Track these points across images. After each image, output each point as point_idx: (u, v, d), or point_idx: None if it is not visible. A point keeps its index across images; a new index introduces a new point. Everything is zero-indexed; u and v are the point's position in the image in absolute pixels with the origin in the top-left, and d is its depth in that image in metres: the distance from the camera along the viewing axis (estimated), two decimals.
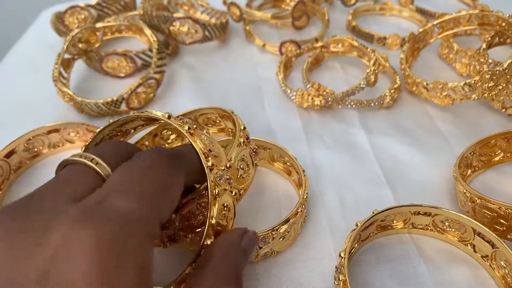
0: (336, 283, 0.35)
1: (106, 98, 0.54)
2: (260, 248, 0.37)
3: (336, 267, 0.36)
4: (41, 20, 0.82)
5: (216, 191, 0.30)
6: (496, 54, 0.56)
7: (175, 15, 0.65)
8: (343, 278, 0.33)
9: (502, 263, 0.36)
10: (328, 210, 0.43)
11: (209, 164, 0.31)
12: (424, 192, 0.45)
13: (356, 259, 0.38)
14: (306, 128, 0.53)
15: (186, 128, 0.31)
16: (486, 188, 0.45)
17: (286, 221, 0.37)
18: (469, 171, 0.46)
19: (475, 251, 0.38)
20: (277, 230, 0.36)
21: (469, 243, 0.38)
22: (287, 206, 0.43)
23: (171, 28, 0.64)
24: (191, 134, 0.31)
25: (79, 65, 0.64)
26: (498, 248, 0.36)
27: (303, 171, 0.42)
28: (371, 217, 0.37)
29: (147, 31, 0.61)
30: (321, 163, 0.48)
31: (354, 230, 0.36)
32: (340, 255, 0.35)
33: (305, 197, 0.39)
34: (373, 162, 0.48)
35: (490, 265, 0.37)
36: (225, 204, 0.31)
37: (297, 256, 0.39)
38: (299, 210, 0.38)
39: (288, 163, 0.45)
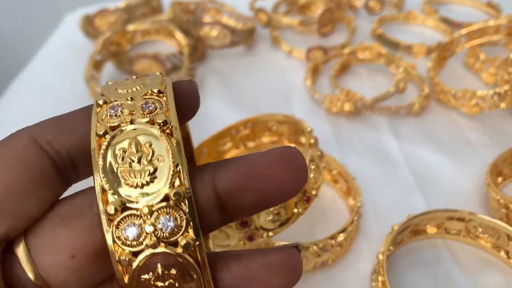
0: (374, 283, 0.35)
1: None
2: (319, 256, 0.38)
3: (373, 269, 0.37)
4: (66, 23, 0.84)
5: None
6: None
7: (204, 19, 0.66)
8: (382, 278, 0.34)
9: None
10: (362, 215, 0.44)
11: None
12: (455, 198, 0.46)
13: (390, 262, 0.39)
14: (336, 134, 0.54)
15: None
16: None
17: (343, 230, 0.38)
18: (500, 179, 0.46)
19: (508, 257, 0.39)
20: (335, 238, 0.37)
21: (503, 250, 0.39)
22: (335, 214, 0.44)
23: (200, 32, 0.65)
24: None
25: (108, 68, 0.66)
26: None
27: (354, 178, 0.43)
28: (407, 221, 0.38)
29: (178, 35, 0.63)
30: (353, 169, 0.49)
31: (391, 233, 0.37)
32: (378, 257, 0.36)
33: (358, 205, 0.40)
34: (404, 169, 0.49)
35: None
36: None
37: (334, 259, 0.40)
38: (355, 218, 0.39)
39: (334, 171, 0.45)
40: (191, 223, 0.18)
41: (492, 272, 0.39)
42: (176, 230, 0.18)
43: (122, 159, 0.18)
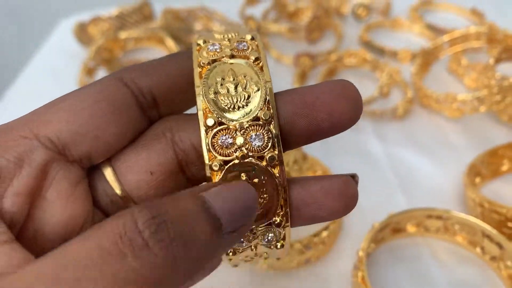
0: (354, 279, 0.37)
1: None
2: (303, 253, 0.39)
3: (354, 265, 0.38)
4: (60, 29, 0.85)
5: None
6: (504, 69, 0.58)
7: (195, 27, 0.68)
8: (361, 274, 0.36)
9: (509, 263, 0.38)
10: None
11: None
12: (435, 198, 0.47)
13: (372, 259, 0.41)
14: None
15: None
16: (494, 196, 0.47)
17: (326, 227, 0.40)
18: (478, 179, 0.48)
19: (483, 253, 0.41)
20: (319, 235, 0.39)
21: (479, 246, 0.41)
22: None
23: (192, 40, 0.67)
24: None
25: (101, 74, 0.67)
26: (505, 249, 0.38)
27: None
28: (387, 219, 0.40)
29: (169, 42, 0.64)
30: (337, 170, 0.50)
31: (372, 230, 0.39)
32: (358, 253, 0.37)
33: None
34: (387, 170, 0.51)
35: (497, 266, 0.39)
36: None
37: (318, 257, 0.42)
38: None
39: (318, 172, 0.47)
40: (276, 140, 0.21)
41: (469, 267, 0.41)
42: (263, 146, 0.21)
43: (221, 85, 0.21)
